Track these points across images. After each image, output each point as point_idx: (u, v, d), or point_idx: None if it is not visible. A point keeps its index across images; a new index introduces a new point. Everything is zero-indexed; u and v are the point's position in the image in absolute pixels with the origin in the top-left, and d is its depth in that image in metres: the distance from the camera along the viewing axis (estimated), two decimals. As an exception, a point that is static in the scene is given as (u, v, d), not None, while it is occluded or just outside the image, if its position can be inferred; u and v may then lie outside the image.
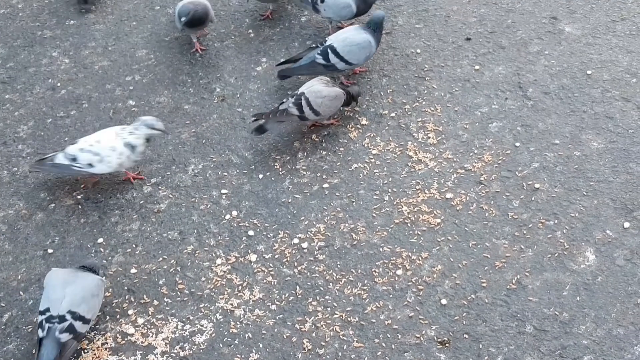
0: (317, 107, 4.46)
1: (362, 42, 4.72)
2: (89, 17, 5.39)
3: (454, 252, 4.10)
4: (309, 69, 4.78)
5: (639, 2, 5.33)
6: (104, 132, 4.36)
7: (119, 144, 4.25)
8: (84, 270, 3.84)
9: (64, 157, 4.28)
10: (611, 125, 4.62)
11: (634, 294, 3.91)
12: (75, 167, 4.27)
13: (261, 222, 4.26)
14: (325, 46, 4.73)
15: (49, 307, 3.67)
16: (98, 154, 4.24)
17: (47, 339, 3.62)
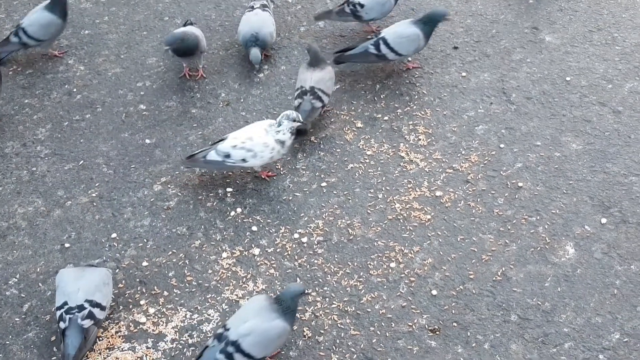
0: None
1: (412, 34, 4.75)
2: (102, 27, 5.35)
3: (443, 246, 4.09)
4: (362, 57, 4.84)
5: (613, 14, 5.32)
6: (254, 128, 4.32)
7: (271, 140, 4.24)
8: (90, 266, 3.85)
9: (216, 154, 4.25)
10: (589, 128, 4.61)
11: (611, 285, 3.90)
12: (229, 163, 4.26)
13: (264, 219, 4.24)
14: (378, 37, 4.78)
15: (66, 300, 3.64)
16: (252, 150, 4.23)
17: (70, 328, 3.58)
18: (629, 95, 4.79)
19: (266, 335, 3.44)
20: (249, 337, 3.41)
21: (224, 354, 3.41)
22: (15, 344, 3.76)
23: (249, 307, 3.56)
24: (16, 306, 3.90)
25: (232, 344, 3.41)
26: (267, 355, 3.55)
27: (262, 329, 3.43)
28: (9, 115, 4.79)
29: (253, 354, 3.43)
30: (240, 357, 3.41)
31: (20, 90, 4.95)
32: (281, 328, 3.46)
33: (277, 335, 3.48)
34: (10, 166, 4.53)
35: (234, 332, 3.43)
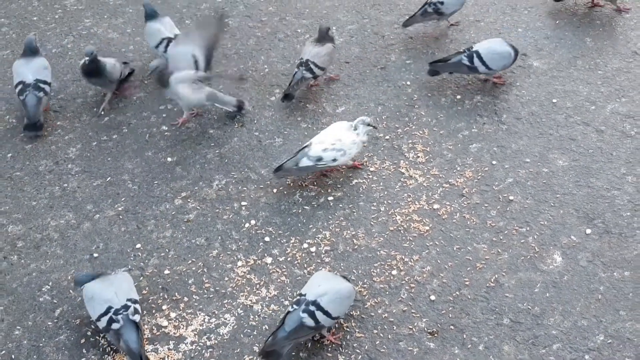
0: None
1: (504, 52, 4.84)
2: (128, 56, 5.37)
3: (441, 255, 4.07)
4: (454, 67, 4.90)
5: (595, 42, 5.32)
6: (337, 131, 4.41)
7: (356, 139, 4.37)
8: (107, 274, 3.84)
9: (308, 160, 4.32)
10: (574, 146, 4.60)
11: (595, 291, 3.88)
12: (320, 165, 4.35)
13: (275, 230, 4.24)
14: (472, 51, 4.82)
15: (109, 305, 3.62)
16: (342, 149, 4.33)
17: (125, 327, 3.58)
18: (611, 116, 4.78)
19: (339, 294, 3.61)
20: (325, 296, 3.57)
21: (307, 312, 3.54)
22: (48, 346, 3.76)
23: (317, 277, 3.74)
24: (49, 311, 3.90)
25: (312, 303, 3.55)
26: (340, 315, 3.67)
27: (336, 289, 3.61)
28: (43, 136, 4.81)
29: (330, 312, 3.56)
30: (321, 314, 3.54)
31: (52, 114, 4.97)
32: (350, 288, 3.66)
33: (348, 295, 3.64)
34: (43, 182, 4.54)
35: (311, 295, 3.58)
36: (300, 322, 3.52)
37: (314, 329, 3.57)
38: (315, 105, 4.95)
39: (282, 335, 3.52)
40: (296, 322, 3.53)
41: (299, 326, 3.52)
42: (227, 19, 5.05)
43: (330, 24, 5.55)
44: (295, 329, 3.52)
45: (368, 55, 5.31)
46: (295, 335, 3.54)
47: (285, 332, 3.52)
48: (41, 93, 4.76)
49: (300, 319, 3.52)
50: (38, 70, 4.82)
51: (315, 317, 3.53)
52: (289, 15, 5.67)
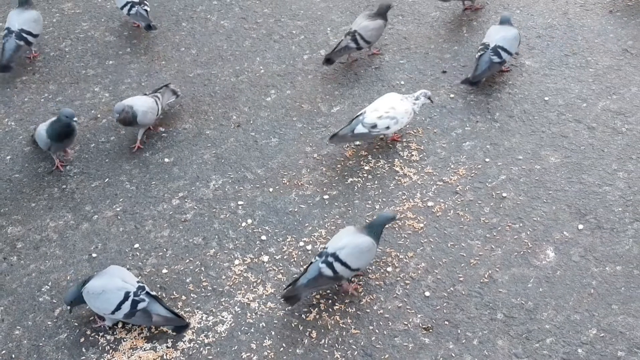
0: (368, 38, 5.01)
1: (514, 36, 4.96)
2: (125, 58, 5.39)
3: (435, 252, 4.09)
4: (487, 71, 4.90)
5: (586, 40, 5.33)
6: (390, 100, 4.56)
7: (410, 108, 4.54)
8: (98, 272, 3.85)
9: (363, 127, 4.46)
10: (566, 143, 4.62)
11: (588, 285, 3.89)
12: (374, 132, 4.48)
13: (272, 228, 4.25)
14: (494, 46, 4.87)
15: (126, 291, 3.68)
16: (394, 118, 4.48)
17: (150, 303, 3.71)
18: (602, 113, 4.79)
19: (358, 247, 3.77)
20: (344, 249, 3.76)
21: (326, 263, 3.75)
22: (48, 345, 3.77)
23: (342, 233, 3.91)
24: (48, 311, 3.91)
25: (332, 255, 3.76)
26: (359, 267, 3.83)
27: (355, 243, 3.78)
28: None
29: (348, 263, 3.75)
30: (339, 265, 3.74)
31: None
32: (370, 242, 3.80)
33: (367, 248, 3.79)
34: (42, 184, 4.55)
35: (332, 248, 3.79)
36: (319, 272, 3.73)
37: (332, 279, 3.78)
38: (310, 106, 4.96)
39: (301, 283, 3.75)
40: (315, 272, 3.74)
41: (318, 275, 3.74)
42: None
43: (324, 25, 5.57)
44: (314, 278, 3.74)
45: (362, 55, 5.32)
46: (315, 284, 3.77)
47: (305, 280, 3.75)
48: (22, 42, 5.15)
49: (319, 269, 3.74)
50: (26, 21, 5.19)
51: (334, 267, 3.73)
52: (284, 17, 5.69)
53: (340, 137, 4.52)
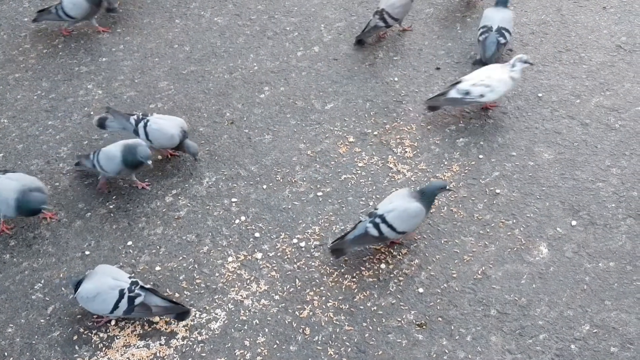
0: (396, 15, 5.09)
1: (510, 17, 5.04)
2: (118, 55, 5.37)
3: (428, 248, 4.08)
4: (493, 46, 4.93)
5: (580, 36, 5.33)
6: (489, 69, 4.65)
7: (506, 76, 4.57)
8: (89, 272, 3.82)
9: (457, 93, 4.57)
10: (559, 139, 4.62)
11: (581, 281, 3.89)
12: (467, 99, 4.57)
13: (265, 226, 4.24)
14: (498, 27, 4.93)
15: (120, 289, 3.67)
16: (489, 86, 4.54)
17: (147, 296, 3.71)
18: (595, 109, 4.79)
19: (406, 212, 3.88)
20: (392, 212, 3.88)
21: (373, 223, 3.89)
22: (41, 343, 3.76)
23: (395, 195, 4.01)
24: (41, 309, 3.90)
25: (379, 217, 3.89)
26: (405, 230, 3.93)
27: (404, 207, 3.88)
28: (34, 136, 4.80)
29: (394, 226, 3.88)
30: (385, 227, 3.87)
31: (44, 113, 4.96)
32: (418, 208, 3.89)
33: (415, 214, 3.89)
34: (35, 182, 4.53)
35: (382, 209, 3.92)
36: (366, 231, 3.89)
37: (377, 239, 3.93)
38: (304, 102, 4.95)
39: (348, 239, 3.93)
40: (362, 230, 3.90)
41: (364, 234, 3.90)
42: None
43: (318, 21, 5.56)
44: (360, 236, 3.91)
45: (356, 52, 5.31)
46: (360, 242, 3.95)
47: (352, 236, 3.92)
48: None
49: (365, 228, 3.89)
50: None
51: (380, 228, 3.87)
52: (277, 14, 5.67)
53: (434, 100, 4.68)
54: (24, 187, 4.06)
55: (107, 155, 4.26)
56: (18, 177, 4.17)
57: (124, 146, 4.24)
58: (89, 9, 5.33)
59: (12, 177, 4.15)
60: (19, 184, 4.06)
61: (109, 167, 4.27)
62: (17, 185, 4.05)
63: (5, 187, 4.05)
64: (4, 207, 4.06)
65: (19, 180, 4.12)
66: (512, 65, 4.59)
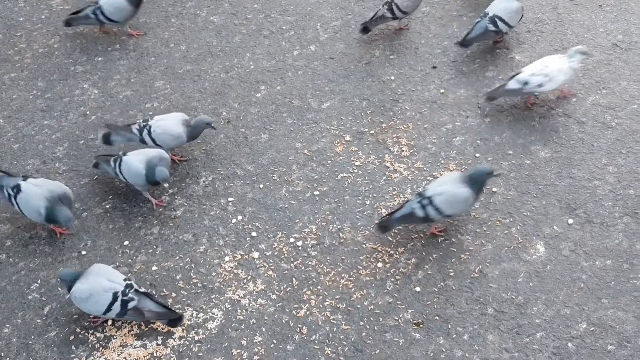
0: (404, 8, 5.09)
1: (516, 9, 5.11)
2: (114, 54, 5.36)
3: (425, 247, 4.08)
4: (478, 30, 5.06)
5: (576, 34, 5.33)
6: (546, 59, 4.69)
7: (566, 66, 4.61)
8: (84, 271, 3.80)
9: (516, 83, 4.62)
10: (556, 138, 4.62)
11: (578, 280, 3.90)
12: (526, 90, 4.62)
13: (262, 225, 4.23)
14: (492, 15, 5.05)
15: (114, 292, 3.65)
16: (548, 75, 4.57)
17: (140, 300, 3.68)
18: (592, 108, 4.80)
19: (454, 197, 3.94)
20: (441, 195, 3.95)
21: (420, 204, 3.96)
22: (37, 344, 3.75)
23: (446, 178, 4.08)
24: (38, 309, 3.89)
25: (428, 198, 3.95)
26: (452, 214, 4.02)
27: (452, 192, 3.94)
28: (30, 136, 4.79)
29: (442, 209, 3.94)
30: (432, 209, 3.95)
31: (40, 113, 4.95)
32: (467, 194, 3.94)
33: (463, 199, 3.95)
34: (31, 181, 4.52)
35: (430, 191, 3.99)
36: (412, 211, 3.96)
37: (422, 220, 4.00)
38: (300, 101, 4.95)
39: (395, 217, 4.01)
40: (409, 210, 3.97)
41: (410, 214, 3.97)
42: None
43: (314, 20, 5.55)
44: (406, 215, 3.98)
45: (352, 51, 5.31)
46: (405, 221, 4.04)
47: (399, 215, 4.00)
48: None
49: (412, 209, 3.96)
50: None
51: (426, 210, 3.94)
52: (273, 13, 5.66)
53: (494, 92, 4.73)
54: (53, 194, 4.05)
55: (129, 169, 4.20)
56: (42, 182, 4.15)
57: (148, 163, 4.16)
58: (131, 12, 5.30)
59: (36, 183, 4.12)
60: (48, 193, 4.04)
61: (134, 180, 4.23)
62: (45, 193, 4.04)
63: (34, 195, 4.04)
64: (35, 216, 4.07)
65: (43, 186, 4.09)
66: (570, 56, 4.64)
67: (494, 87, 4.81)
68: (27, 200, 4.04)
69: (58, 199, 4.05)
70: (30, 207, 4.03)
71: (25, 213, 4.08)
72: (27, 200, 4.04)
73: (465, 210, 4.08)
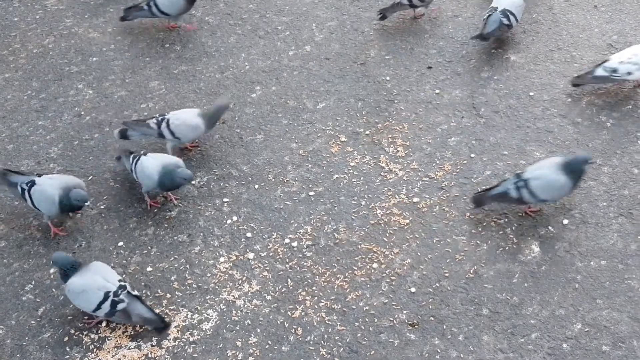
0: None
1: (520, 3, 5.20)
2: (109, 55, 5.35)
3: (421, 248, 4.08)
4: (494, 24, 5.09)
5: (571, 35, 5.34)
6: (638, 47, 4.74)
7: None
8: (83, 264, 3.80)
9: (603, 71, 4.68)
10: (551, 138, 4.62)
11: (573, 280, 3.90)
12: (615, 77, 4.67)
13: (257, 226, 4.23)
14: (503, 9, 5.10)
15: (106, 291, 3.65)
16: (637, 64, 4.64)
17: (131, 303, 3.67)
18: (587, 108, 4.80)
19: (550, 183, 3.99)
20: (537, 180, 4.00)
21: (515, 186, 4.02)
22: (32, 345, 3.74)
23: (546, 162, 4.11)
24: (32, 310, 3.88)
25: (524, 181, 4.01)
26: (546, 199, 4.07)
27: (549, 178, 3.99)
28: (25, 136, 4.78)
29: (537, 193, 4.00)
30: (526, 192, 4.01)
31: (34, 114, 4.93)
32: (563, 181, 3.98)
33: (559, 186, 4.00)
34: (25, 182, 4.51)
35: (528, 174, 4.04)
36: (506, 191, 4.04)
37: (516, 201, 4.06)
38: (295, 102, 4.94)
39: (490, 194, 4.10)
40: (504, 189, 4.07)
41: (504, 194, 4.06)
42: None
43: (309, 21, 5.55)
44: (500, 193, 4.07)
45: (348, 51, 5.31)
46: (499, 199, 4.11)
47: (494, 192, 4.09)
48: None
49: (507, 188, 4.04)
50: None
51: (521, 192, 4.00)
52: (269, 13, 5.66)
53: (580, 78, 4.79)
54: (67, 185, 4.08)
55: (143, 171, 4.18)
56: (56, 176, 4.20)
57: (164, 167, 4.13)
58: (185, 6, 5.31)
59: (51, 177, 4.18)
60: (62, 183, 4.08)
61: (146, 183, 4.22)
62: (60, 184, 4.08)
63: (49, 186, 4.07)
64: (49, 206, 4.07)
65: (58, 178, 4.15)
66: None
67: (582, 73, 4.84)
68: (42, 191, 4.06)
69: (72, 189, 4.07)
70: (45, 197, 4.05)
71: (37, 205, 4.09)
72: (41, 191, 4.06)
73: (560, 197, 4.10)
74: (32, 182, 4.10)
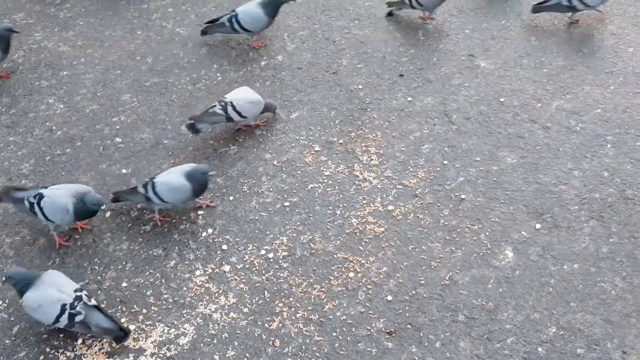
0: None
1: None
2: (80, 68, 5.31)
3: (396, 256, 4.10)
4: (555, 8, 5.42)
5: (540, 40, 5.41)
6: None
7: None
8: (36, 276, 3.76)
9: None
10: (522, 143, 4.67)
11: (547, 284, 3.94)
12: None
13: (233, 238, 4.22)
14: None
15: (62, 304, 3.63)
16: None
17: (88, 314, 3.66)
18: (556, 113, 4.86)
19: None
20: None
21: None
22: (6, 365, 3.70)
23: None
24: (6, 329, 3.83)
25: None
26: None
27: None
28: (-5, 152, 4.73)
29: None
30: None
31: (4, 129, 4.88)
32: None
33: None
34: (-3, 199, 4.45)
35: None
36: None
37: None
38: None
39: None
40: None
41: None
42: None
43: (281, 30, 5.56)
44: None
45: (320, 60, 5.32)
46: None
47: None
48: None
49: None
50: None
51: None
52: (240, 23, 5.65)
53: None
54: (78, 193, 4.05)
55: (170, 186, 4.15)
56: (65, 186, 4.16)
57: (190, 174, 4.16)
58: (267, 23, 5.27)
59: (59, 187, 4.15)
60: (73, 192, 4.06)
61: (173, 198, 4.19)
62: (71, 192, 4.05)
63: (60, 196, 4.04)
64: (62, 215, 4.04)
65: (68, 188, 4.12)
66: None
67: None
68: (53, 202, 4.02)
69: (85, 195, 4.05)
70: (57, 207, 4.01)
71: (50, 216, 4.05)
72: (52, 201, 4.03)
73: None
74: (40, 195, 4.05)
